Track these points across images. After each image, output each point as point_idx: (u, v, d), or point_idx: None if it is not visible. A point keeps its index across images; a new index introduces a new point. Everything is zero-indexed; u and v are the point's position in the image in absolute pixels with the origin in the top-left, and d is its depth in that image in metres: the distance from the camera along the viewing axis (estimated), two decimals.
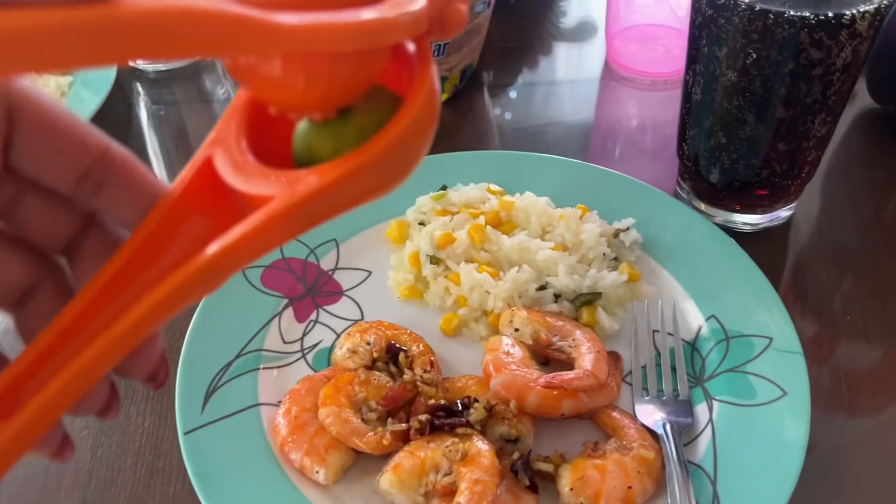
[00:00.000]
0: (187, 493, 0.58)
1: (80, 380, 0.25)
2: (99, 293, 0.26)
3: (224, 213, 0.26)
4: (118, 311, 0.25)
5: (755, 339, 0.63)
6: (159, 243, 0.27)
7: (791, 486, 0.53)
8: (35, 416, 0.24)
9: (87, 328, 0.26)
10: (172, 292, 0.25)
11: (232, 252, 0.25)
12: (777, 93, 0.62)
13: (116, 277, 0.26)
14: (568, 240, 0.69)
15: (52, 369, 0.25)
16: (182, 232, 0.27)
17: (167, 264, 0.26)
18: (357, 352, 0.62)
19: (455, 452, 0.54)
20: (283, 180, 0.25)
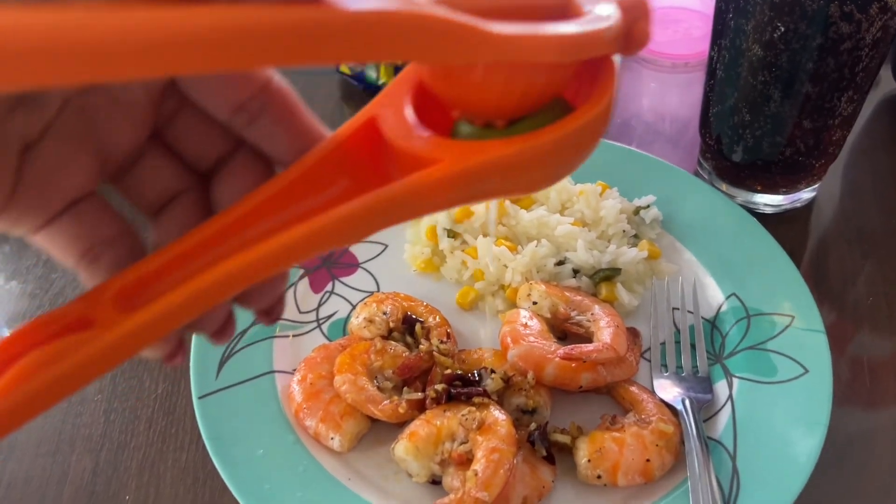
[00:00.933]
0: (200, 459, 0.58)
1: (208, 294, 0.24)
2: (243, 216, 0.26)
3: (379, 174, 0.26)
4: (257, 238, 0.25)
5: (776, 317, 0.62)
6: (308, 186, 0.26)
7: (812, 463, 0.53)
8: (159, 315, 0.24)
9: (222, 247, 0.25)
10: (322, 230, 0.24)
11: (393, 203, 0.24)
12: (804, 68, 0.61)
13: (262, 206, 0.26)
14: (587, 216, 0.68)
15: (182, 277, 0.24)
16: (333, 181, 0.27)
17: (313, 207, 0.26)
18: (373, 321, 0.61)
19: (472, 421, 0.53)
20: (452, 148, 0.25)
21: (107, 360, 0.24)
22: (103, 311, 0.24)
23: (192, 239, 0.26)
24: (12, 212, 0.26)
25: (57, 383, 0.23)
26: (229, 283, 0.24)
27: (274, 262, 0.25)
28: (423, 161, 0.24)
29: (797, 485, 0.52)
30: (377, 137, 0.27)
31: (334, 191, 0.26)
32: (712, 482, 0.51)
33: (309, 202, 0.26)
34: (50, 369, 0.23)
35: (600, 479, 0.53)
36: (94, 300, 0.25)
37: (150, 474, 0.57)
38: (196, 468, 0.57)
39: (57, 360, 0.23)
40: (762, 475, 0.53)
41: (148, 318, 0.24)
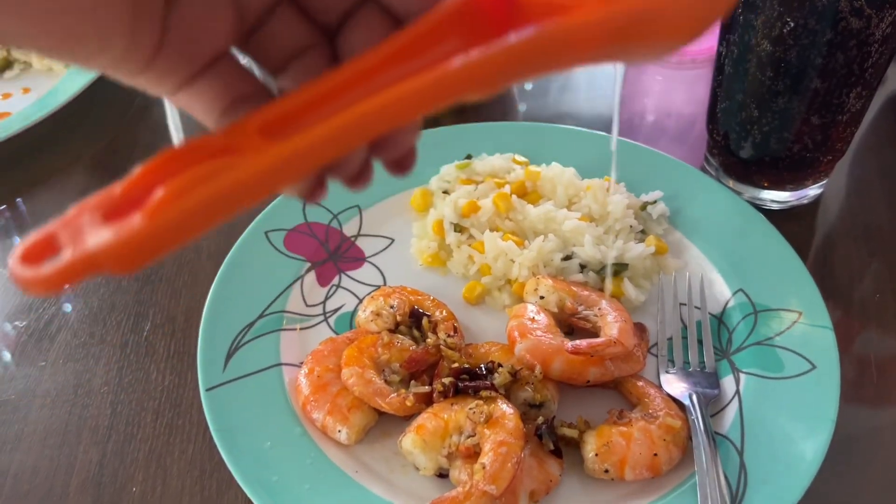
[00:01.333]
0: (206, 451, 0.58)
1: (347, 132, 0.23)
2: (375, 63, 0.26)
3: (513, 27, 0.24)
4: (392, 82, 0.24)
5: (784, 312, 0.62)
6: (437, 38, 0.26)
7: (820, 459, 0.52)
8: (302, 147, 0.23)
9: (360, 90, 0.25)
10: (455, 74, 0.23)
11: (529, 51, 0.22)
12: (813, 63, 0.61)
13: (394, 53, 0.26)
14: (594, 211, 0.68)
15: (321, 116, 0.24)
16: (463, 36, 0.25)
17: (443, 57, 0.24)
18: (380, 314, 0.61)
19: (479, 414, 0.53)
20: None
21: (256, 186, 0.23)
22: (249, 140, 0.24)
23: (327, 82, 0.25)
24: (160, 65, 0.27)
25: (209, 204, 0.22)
26: (368, 122, 0.24)
27: (414, 103, 0.24)
28: (563, 8, 0.22)
29: (805, 480, 0.51)
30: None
31: (463, 45, 0.25)
32: (720, 477, 0.51)
33: (438, 53, 0.25)
34: (201, 189, 0.22)
35: (608, 474, 0.53)
36: (239, 131, 0.24)
37: (157, 466, 0.57)
38: (203, 460, 0.57)
39: (207, 181, 0.22)
40: (770, 470, 0.53)
41: (292, 149, 0.23)
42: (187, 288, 0.69)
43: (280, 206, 0.70)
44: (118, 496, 0.55)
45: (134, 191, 0.22)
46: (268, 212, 0.69)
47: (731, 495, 0.51)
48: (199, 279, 0.70)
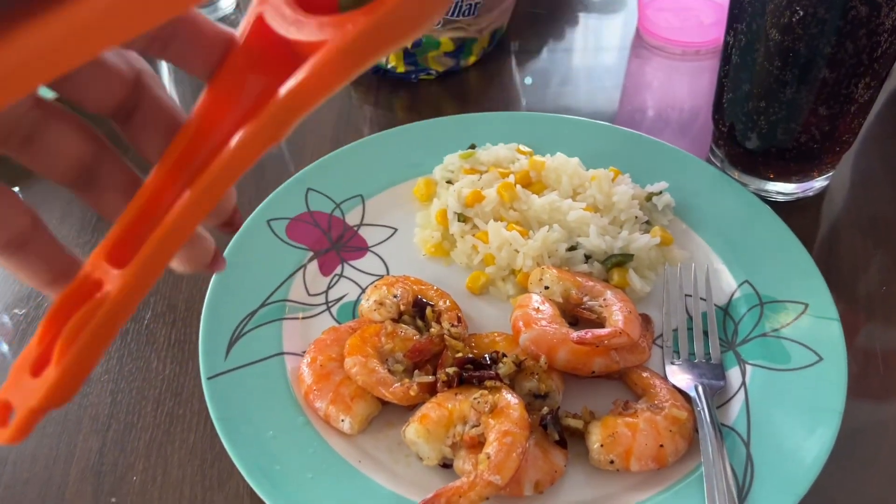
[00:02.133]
0: (207, 440, 0.57)
1: (180, 229, 0.27)
2: (181, 155, 0.28)
3: (283, 68, 0.27)
4: (200, 167, 0.27)
5: (790, 304, 0.62)
6: (226, 101, 0.29)
7: (827, 451, 0.52)
8: (149, 259, 0.27)
9: (175, 186, 0.28)
10: (247, 142, 0.26)
11: (296, 96, 0.26)
12: (822, 53, 0.61)
13: (193, 139, 0.28)
14: (599, 201, 0.68)
15: (153, 224, 0.27)
16: (246, 89, 0.29)
17: (237, 119, 0.28)
18: (384, 304, 0.60)
19: (483, 404, 0.52)
20: (333, 25, 0.26)
21: (124, 309, 0.28)
22: (104, 270, 0.28)
23: (149, 187, 0.28)
24: None
25: (93, 344, 0.27)
26: (192, 214, 0.27)
27: (224, 177, 0.27)
28: (315, 46, 0.26)
29: (812, 472, 0.51)
30: (271, 33, 0.28)
31: (253, 94, 0.29)
32: (726, 469, 0.51)
33: (239, 107, 0.29)
34: (82, 336, 0.27)
35: (613, 465, 0.52)
36: (94, 264, 0.28)
37: (158, 455, 0.56)
38: (204, 450, 0.57)
39: (85, 326, 0.27)
40: (776, 462, 0.52)
41: (141, 265, 0.27)
42: (188, 276, 0.69)
43: (282, 195, 0.69)
44: (118, 485, 0.55)
45: (44, 343, 0.28)
46: (270, 200, 0.69)
47: (738, 487, 0.51)
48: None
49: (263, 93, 0.28)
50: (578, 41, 1.00)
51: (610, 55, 0.97)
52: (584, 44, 0.99)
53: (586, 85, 0.92)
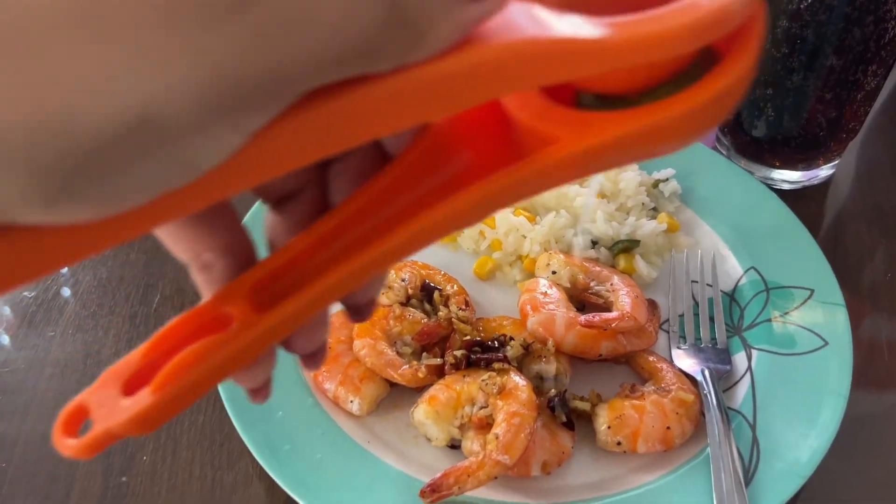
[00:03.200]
0: (217, 421, 0.57)
1: (338, 287, 0.24)
2: (363, 205, 0.25)
3: (496, 148, 0.25)
4: (379, 227, 0.24)
5: (796, 290, 0.62)
6: (424, 167, 0.25)
7: (832, 434, 0.53)
8: (292, 313, 0.24)
9: (343, 241, 0.25)
10: (436, 222, 0.24)
11: (508, 189, 0.23)
12: (829, 40, 0.61)
13: (382, 193, 0.25)
14: (606, 188, 0.68)
15: (311, 272, 0.24)
16: (450, 159, 0.25)
17: (430, 191, 0.25)
18: (392, 287, 0.61)
19: (492, 386, 0.53)
20: (572, 122, 0.23)
21: (244, 358, 0.25)
22: (241, 308, 0.25)
23: (314, 233, 0.25)
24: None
25: (201, 382, 0.24)
26: (356, 276, 0.24)
27: (398, 251, 0.24)
28: (544, 137, 0.23)
29: (817, 455, 0.51)
30: (496, 109, 0.25)
31: (457, 166, 0.25)
32: (733, 451, 0.51)
33: (429, 182, 0.25)
34: (194, 369, 0.24)
35: (620, 446, 0.53)
36: (232, 296, 0.25)
37: (168, 436, 0.57)
38: (213, 430, 0.57)
39: (200, 361, 0.24)
40: (782, 445, 0.53)
41: (283, 316, 0.24)
42: None
43: None
44: (128, 465, 0.55)
45: (148, 360, 0.25)
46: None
47: (744, 469, 0.51)
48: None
49: (468, 168, 0.25)
50: None
51: None
52: None
53: None
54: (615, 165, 0.24)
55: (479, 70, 0.20)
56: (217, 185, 0.20)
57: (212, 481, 0.54)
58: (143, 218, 0.20)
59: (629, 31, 0.20)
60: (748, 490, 0.50)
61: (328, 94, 0.19)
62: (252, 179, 0.20)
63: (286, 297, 0.24)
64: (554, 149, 0.22)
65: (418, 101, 0.20)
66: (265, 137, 0.19)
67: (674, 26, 0.20)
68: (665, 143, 0.23)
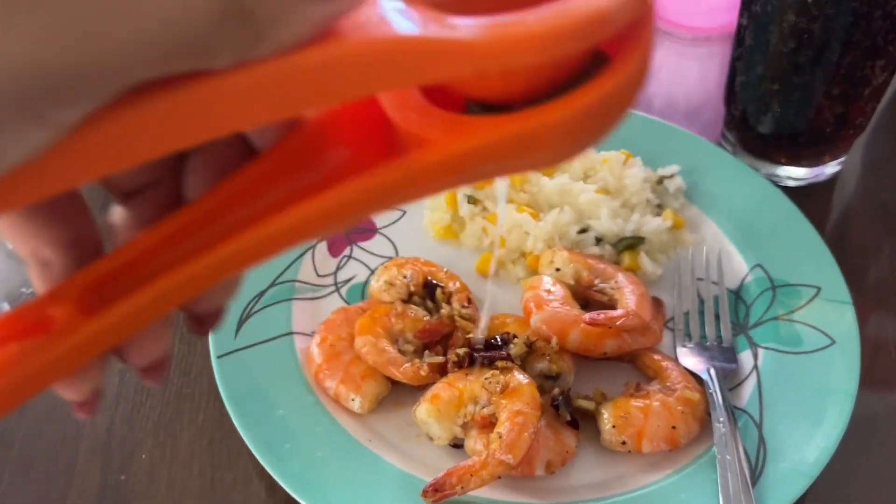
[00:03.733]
0: (216, 419, 0.57)
1: (178, 291, 0.23)
2: (212, 208, 0.23)
3: (371, 147, 0.23)
4: (236, 226, 0.22)
5: (802, 288, 0.61)
6: (291, 166, 0.24)
7: (840, 433, 0.52)
8: (122, 317, 0.22)
9: (188, 242, 0.23)
10: (294, 223, 0.22)
11: (372, 192, 0.22)
12: (837, 35, 0.60)
13: (236, 194, 0.23)
14: (611, 184, 0.67)
15: (149, 273, 0.23)
16: (319, 160, 0.24)
17: (294, 191, 0.23)
18: (394, 284, 0.60)
19: (495, 384, 0.52)
20: (449, 125, 0.22)
21: (64, 366, 0.23)
22: (66, 309, 0.23)
23: (162, 230, 0.23)
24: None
25: (15, 389, 0.22)
26: (201, 278, 0.23)
27: (251, 252, 0.23)
28: (420, 140, 0.22)
29: (825, 455, 0.51)
30: (375, 111, 0.24)
31: (322, 170, 0.24)
32: (739, 451, 0.51)
33: (294, 182, 0.24)
34: (7, 375, 0.22)
35: (625, 446, 0.52)
36: (60, 296, 0.23)
37: (167, 434, 0.56)
38: (213, 428, 0.56)
39: (14, 366, 0.22)
40: (789, 444, 0.52)
41: (111, 321, 0.22)
42: None
43: None
44: (127, 463, 0.55)
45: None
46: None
47: (751, 469, 0.51)
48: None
49: (337, 169, 0.23)
50: None
51: None
52: None
53: None
54: (493, 174, 0.23)
55: (332, 67, 0.19)
56: (34, 181, 0.19)
57: (211, 480, 0.54)
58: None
59: (499, 33, 0.19)
60: (755, 490, 0.49)
61: (166, 87, 0.18)
62: (78, 175, 0.19)
63: (119, 299, 0.22)
64: (425, 151, 0.21)
65: (267, 97, 0.19)
66: (89, 131, 0.18)
67: (545, 28, 0.19)
68: (544, 150, 0.22)
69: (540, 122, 0.21)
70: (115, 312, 0.22)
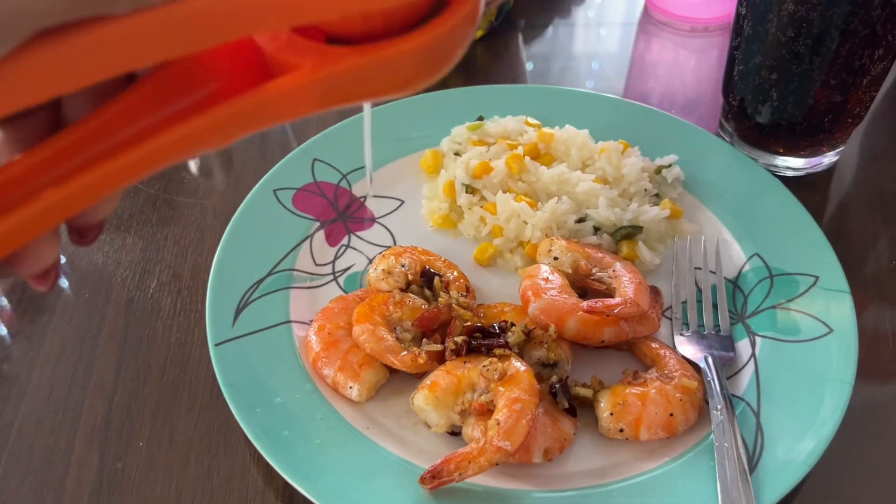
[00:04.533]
0: (214, 408, 0.57)
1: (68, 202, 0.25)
2: (92, 130, 0.25)
3: (245, 76, 0.26)
4: (109, 149, 0.25)
5: (800, 277, 0.61)
6: (168, 91, 0.26)
7: (838, 421, 0.52)
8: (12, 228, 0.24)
9: (73, 160, 0.25)
10: (171, 141, 0.25)
11: (246, 112, 0.25)
12: (835, 23, 0.60)
13: (116, 116, 0.26)
14: (609, 173, 0.67)
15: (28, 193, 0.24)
16: (197, 84, 0.26)
17: (172, 114, 0.26)
18: (392, 273, 0.60)
19: (493, 372, 0.52)
20: (315, 52, 0.25)
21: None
22: None
23: (45, 149, 0.25)
24: None
25: None
26: (96, 187, 0.25)
27: (132, 168, 0.25)
28: (289, 66, 0.25)
29: (822, 442, 0.51)
30: (248, 40, 0.27)
31: (199, 93, 0.26)
32: (737, 438, 0.51)
33: (171, 105, 0.26)
34: None
35: (623, 433, 0.52)
36: None
37: (164, 422, 0.56)
38: (210, 417, 0.56)
39: None
40: (787, 432, 0.52)
41: (7, 228, 0.24)
42: (194, 245, 0.68)
43: (289, 165, 0.69)
44: (124, 451, 0.54)
45: None
46: (276, 170, 0.68)
47: (748, 456, 0.51)
48: (206, 237, 0.69)
49: (212, 95, 0.26)
50: (587, 16, 0.99)
51: (617, 32, 0.96)
52: (593, 18, 0.98)
53: (593, 62, 0.91)
54: (354, 97, 0.26)
55: (216, 12, 0.22)
56: None
57: (209, 467, 0.54)
58: None
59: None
60: (752, 477, 0.49)
61: (73, 30, 0.21)
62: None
63: (8, 211, 0.24)
64: (296, 74, 0.25)
65: (160, 39, 0.22)
66: (4, 69, 0.21)
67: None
68: (398, 75, 0.26)
69: (394, 51, 0.25)
70: (5, 223, 0.24)
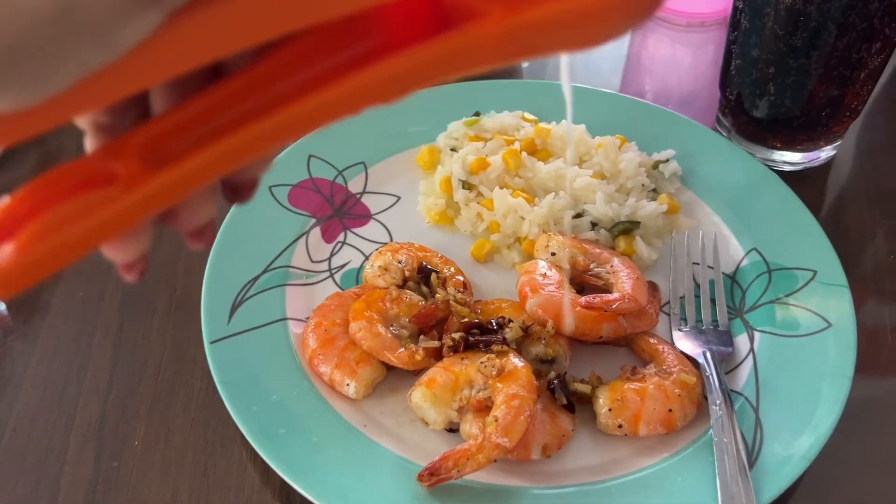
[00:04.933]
0: (210, 406, 0.56)
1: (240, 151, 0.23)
2: (257, 78, 0.24)
3: (422, 22, 0.24)
4: (288, 95, 0.23)
5: (798, 271, 0.61)
6: (336, 40, 0.24)
7: (837, 416, 0.52)
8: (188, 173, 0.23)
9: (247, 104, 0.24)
10: (343, 95, 0.23)
11: (429, 63, 0.23)
12: (833, 16, 0.60)
13: (281, 65, 0.24)
14: (606, 169, 0.67)
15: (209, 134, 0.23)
16: (367, 32, 0.24)
17: (341, 63, 0.24)
18: (388, 269, 0.60)
19: (491, 368, 0.52)
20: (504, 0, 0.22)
21: (127, 220, 0.23)
22: (129, 164, 0.23)
23: (209, 97, 0.24)
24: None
25: (73, 243, 0.22)
26: (251, 145, 0.23)
27: (300, 122, 0.23)
28: (473, 11, 0.22)
29: (822, 437, 0.51)
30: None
31: (370, 42, 0.24)
32: (736, 434, 0.50)
33: (341, 55, 0.24)
34: (68, 228, 0.22)
35: (621, 429, 0.52)
36: (120, 151, 0.23)
37: (160, 420, 0.56)
38: (206, 415, 0.56)
39: (78, 219, 0.22)
40: (786, 427, 0.52)
41: (174, 177, 0.22)
42: None
43: (284, 161, 0.68)
44: (120, 449, 0.54)
45: (15, 213, 0.22)
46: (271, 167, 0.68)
47: (747, 451, 0.50)
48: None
49: (376, 49, 0.23)
50: None
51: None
52: None
53: (589, 58, 0.91)
54: (544, 50, 0.24)
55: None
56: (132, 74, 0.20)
57: (205, 466, 0.53)
58: (65, 104, 0.20)
59: None
60: (751, 473, 0.49)
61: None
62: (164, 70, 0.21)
63: (178, 159, 0.23)
64: (483, 22, 0.22)
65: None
66: (175, 26, 0.20)
67: None
68: (595, 24, 0.23)
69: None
70: (176, 170, 0.23)
